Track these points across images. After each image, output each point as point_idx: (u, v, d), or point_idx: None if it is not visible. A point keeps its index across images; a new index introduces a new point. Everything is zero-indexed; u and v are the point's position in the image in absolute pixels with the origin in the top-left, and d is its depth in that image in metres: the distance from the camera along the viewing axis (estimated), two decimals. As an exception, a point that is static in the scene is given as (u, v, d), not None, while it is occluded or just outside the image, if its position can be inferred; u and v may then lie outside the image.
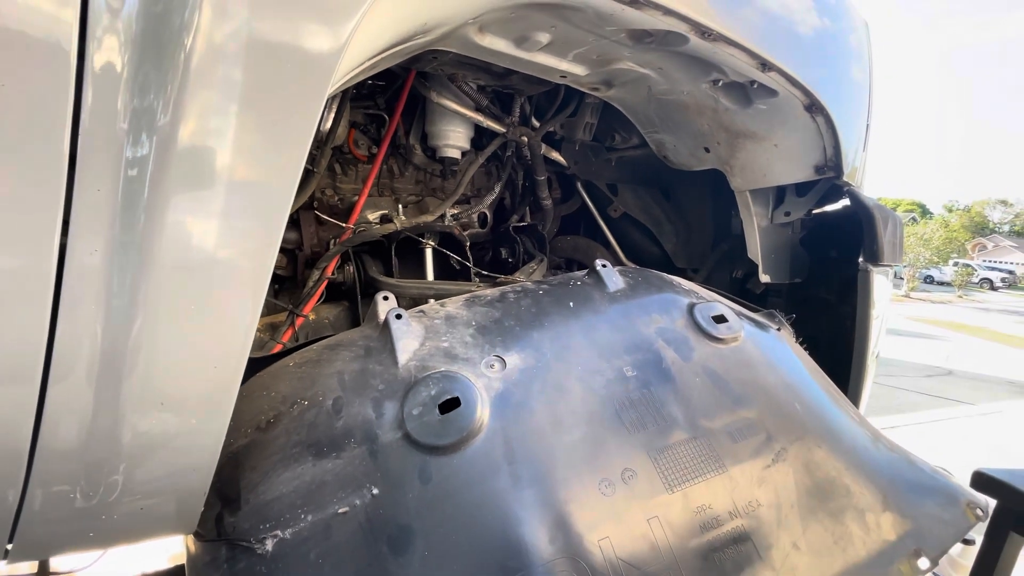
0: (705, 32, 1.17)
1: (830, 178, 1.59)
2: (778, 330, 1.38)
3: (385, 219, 1.85)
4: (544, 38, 1.24)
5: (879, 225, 1.54)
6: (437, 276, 1.91)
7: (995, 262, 43.09)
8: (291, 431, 0.97)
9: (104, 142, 0.61)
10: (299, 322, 1.61)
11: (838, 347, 1.67)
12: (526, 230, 2.15)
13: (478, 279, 1.87)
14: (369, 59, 0.97)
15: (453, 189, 1.93)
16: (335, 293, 1.79)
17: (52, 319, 0.64)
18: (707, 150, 1.72)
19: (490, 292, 1.25)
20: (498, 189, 2.13)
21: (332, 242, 1.72)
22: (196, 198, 0.67)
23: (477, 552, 0.84)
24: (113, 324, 0.66)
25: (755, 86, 1.40)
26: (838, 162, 1.54)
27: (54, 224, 0.61)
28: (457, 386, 0.98)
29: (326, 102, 0.76)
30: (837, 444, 1.15)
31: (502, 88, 1.77)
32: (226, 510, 0.92)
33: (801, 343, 1.48)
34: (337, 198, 1.81)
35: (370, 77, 1.62)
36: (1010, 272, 38.00)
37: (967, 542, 2.17)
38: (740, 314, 1.32)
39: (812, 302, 1.80)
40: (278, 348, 1.53)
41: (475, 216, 2.09)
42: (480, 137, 1.97)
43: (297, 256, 1.71)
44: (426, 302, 1.24)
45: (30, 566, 1.36)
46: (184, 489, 0.81)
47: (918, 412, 5.85)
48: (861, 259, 1.59)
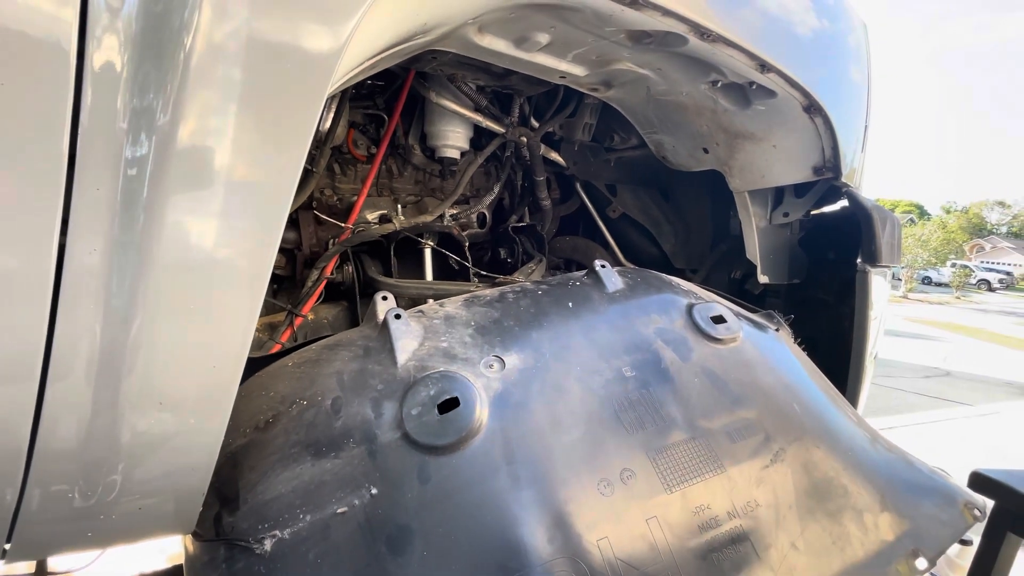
0: (704, 33, 1.17)
1: (828, 179, 1.59)
2: (776, 331, 1.38)
3: (384, 219, 1.85)
4: (543, 39, 1.24)
5: (877, 226, 1.54)
6: (436, 276, 1.91)
7: (993, 263, 43.18)
8: (290, 431, 0.97)
9: (103, 141, 0.61)
10: (298, 322, 1.61)
11: (836, 348, 1.67)
12: (525, 230, 2.15)
13: (477, 279, 1.86)
14: (369, 59, 0.97)
15: (452, 189, 1.93)
16: (334, 293, 1.79)
17: (51, 318, 0.63)
18: (706, 151, 1.72)
19: (489, 292, 1.25)
20: (497, 189, 2.13)
21: (331, 242, 1.72)
22: (195, 198, 0.67)
23: (476, 552, 0.84)
24: (112, 323, 0.66)
25: (754, 87, 1.41)
26: (836, 163, 1.55)
27: (53, 223, 0.61)
28: (456, 386, 0.98)
29: (325, 102, 0.76)
30: (835, 444, 1.15)
31: (501, 88, 1.77)
32: (225, 510, 0.92)
33: (799, 344, 1.48)
34: (336, 198, 1.81)
35: (369, 77, 1.62)
36: (1008, 273, 38.09)
37: (965, 542, 2.17)
38: (739, 315, 1.32)
39: (810, 303, 1.80)
40: (277, 348, 1.53)
41: (474, 216, 2.09)
42: (479, 137, 1.97)
43: (296, 256, 1.71)
44: (425, 302, 1.24)
45: (28, 566, 1.36)
46: (183, 489, 0.81)
47: (916, 413, 5.85)
48: (859, 260, 1.60)
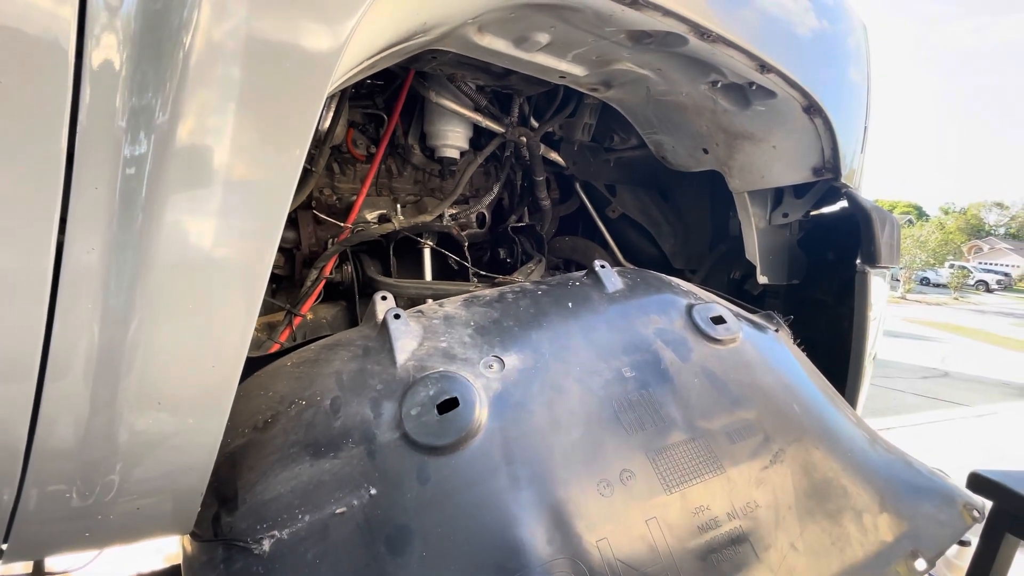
0: (704, 33, 1.17)
1: (828, 180, 1.59)
2: (776, 331, 1.38)
3: (383, 219, 1.85)
4: (543, 38, 1.24)
5: (876, 227, 1.54)
6: (435, 276, 1.91)
7: (991, 264, 43.28)
8: (289, 431, 0.97)
9: (102, 140, 0.61)
10: (297, 321, 1.60)
11: (835, 348, 1.67)
12: (524, 230, 2.15)
13: (476, 279, 1.86)
14: (368, 58, 0.97)
15: (452, 189, 1.93)
16: (333, 293, 1.79)
17: (49, 317, 0.63)
18: (705, 151, 1.72)
19: (488, 292, 1.25)
20: (497, 189, 2.13)
21: (330, 242, 1.71)
22: (194, 197, 0.66)
23: (475, 552, 0.84)
24: (110, 323, 0.66)
25: (754, 87, 1.40)
26: (836, 164, 1.55)
27: (51, 222, 0.60)
28: (456, 386, 0.98)
29: (325, 101, 0.76)
30: (835, 445, 1.15)
31: (501, 88, 1.77)
32: (223, 510, 0.91)
33: (799, 344, 1.48)
34: (335, 197, 1.81)
35: (369, 76, 1.61)
36: (1006, 274, 38.15)
37: (963, 543, 2.17)
38: (738, 315, 1.32)
39: (810, 303, 1.80)
40: (276, 347, 1.52)
41: (473, 216, 2.09)
42: (479, 137, 1.97)
43: (295, 255, 1.70)
44: (424, 302, 1.24)
45: (25, 566, 1.35)
46: (181, 489, 0.81)
47: (914, 413, 5.86)
48: (858, 261, 1.60)
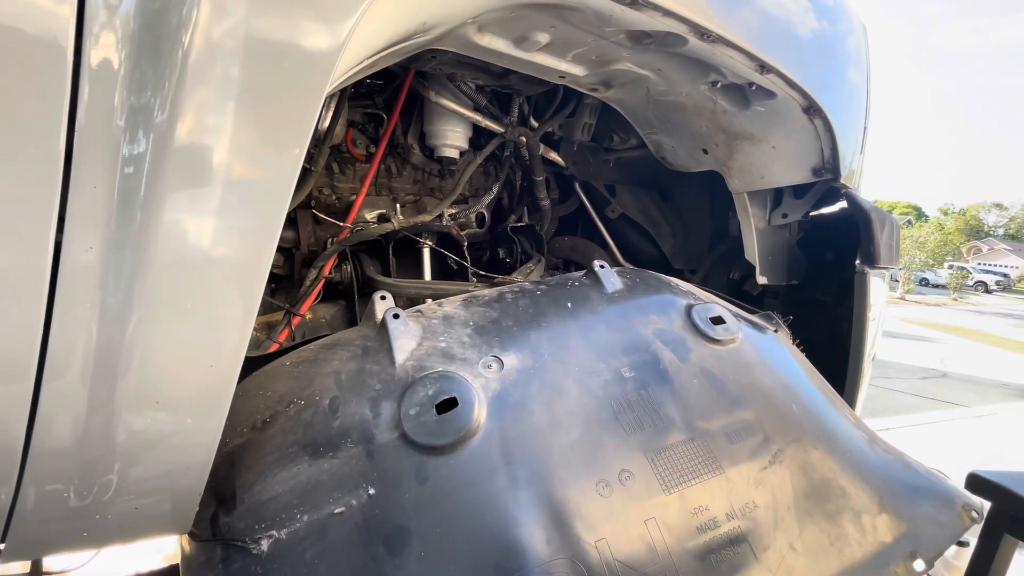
0: (704, 34, 1.17)
1: (827, 180, 1.59)
2: (775, 332, 1.38)
3: (383, 218, 1.85)
4: (543, 38, 1.24)
5: (876, 227, 1.54)
6: (435, 276, 1.91)
7: (990, 265, 43.34)
8: (287, 430, 0.97)
9: (100, 139, 0.61)
10: (296, 321, 1.60)
11: (835, 349, 1.67)
12: (524, 230, 2.15)
13: (476, 279, 1.86)
14: (368, 58, 0.96)
15: (451, 189, 1.92)
16: (332, 292, 1.79)
17: (47, 317, 0.63)
18: (705, 151, 1.72)
19: (488, 292, 1.25)
20: (496, 189, 2.12)
21: (329, 241, 1.71)
22: (193, 196, 0.66)
23: (474, 553, 0.84)
24: (108, 322, 0.66)
25: (753, 88, 1.40)
26: (835, 164, 1.55)
27: (49, 221, 0.60)
28: (454, 386, 0.97)
29: (324, 100, 0.75)
30: (833, 446, 1.15)
31: (501, 88, 1.76)
32: (221, 510, 0.91)
33: (798, 345, 1.48)
34: (335, 197, 1.81)
35: (368, 76, 1.61)
36: (1005, 275, 38.21)
37: (962, 544, 2.17)
38: (737, 315, 1.32)
39: (809, 304, 1.80)
40: (275, 347, 1.52)
41: (473, 216, 2.09)
42: (478, 137, 1.97)
43: (294, 255, 1.70)
44: (423, 302, 1.24)
45: (22, 566, 1.35)
46: (179, 488, 0.81)
47: (913, 414, 5.87)
48: (858, 261, 1.60)
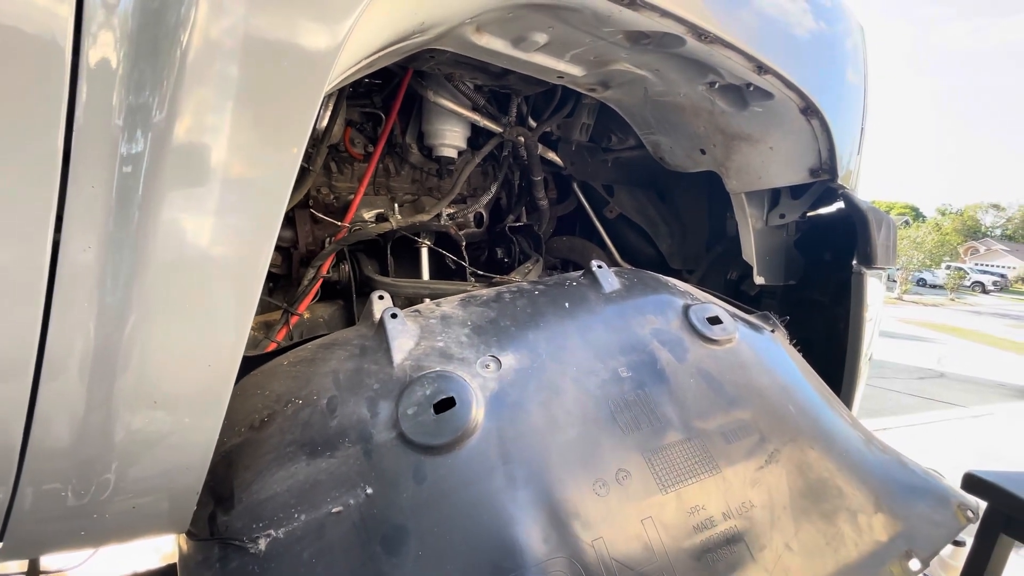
0: (702, 34, 1.17)
1: (825, 181, 1.60)
2: (772, 332, 1.38)
3: (381, 218, 1.85)
4: (541, 38, 1.24)
5: (873, 228, 1.54)
6: (433, 276, 1.91)
7: (987, 265, 43.48)
8: (285, 430, 0.97)
9: (98, 138, 0.61)
10: (294, 320, 1.60)
11: (831, 349, 1.67)
12: (522, 230, 2.15)
13: (474, 279, 1.87)
14: (366, 57, 0.97)
15: (449, 188, 1.93)
16: (330, 292, 1.79)
17: (45, 316, 0.63)
18: (703, 152, 1.73)
19: (486, 292, 1.25)
20: (494, 189, 2.13)
21: (327, 240, 1.71)
22: (191, 195, 0.66)
23: (471, 552, 0.84)
24: (106, 321, 0.66)
25: (751, 88, 1.41)
26: (833, 165, 1.55)
27: (47, 220, 0.60)
28: (452, 386, 0.98)
29: (322, 100, 0.76)
30: (830, 446, 1.15)
31: (499, 88, 1.77)
32: (219, 509, 0.91)
33: (795, 345, 1.48)
34: (333, 196, 1.81)
35: (367, 75, 1.61)
36: (1002, 276, 38.33)
37: (958, 544, 2.19)
38: (735, 316, 1.33)
39: (806, 304, 1.81)
40: (272, 346, 1.52)
41: (471, 216, 2.09)
42: (477, 137, 1.97)
43: (292, 254, 1.70)
44: (421, 302, 1.24)
45: (20, 565, 1.35)
46: (177, 488, 0.81)
47: (910, 414, 5.88)
48: (855, 262, 1.60)
